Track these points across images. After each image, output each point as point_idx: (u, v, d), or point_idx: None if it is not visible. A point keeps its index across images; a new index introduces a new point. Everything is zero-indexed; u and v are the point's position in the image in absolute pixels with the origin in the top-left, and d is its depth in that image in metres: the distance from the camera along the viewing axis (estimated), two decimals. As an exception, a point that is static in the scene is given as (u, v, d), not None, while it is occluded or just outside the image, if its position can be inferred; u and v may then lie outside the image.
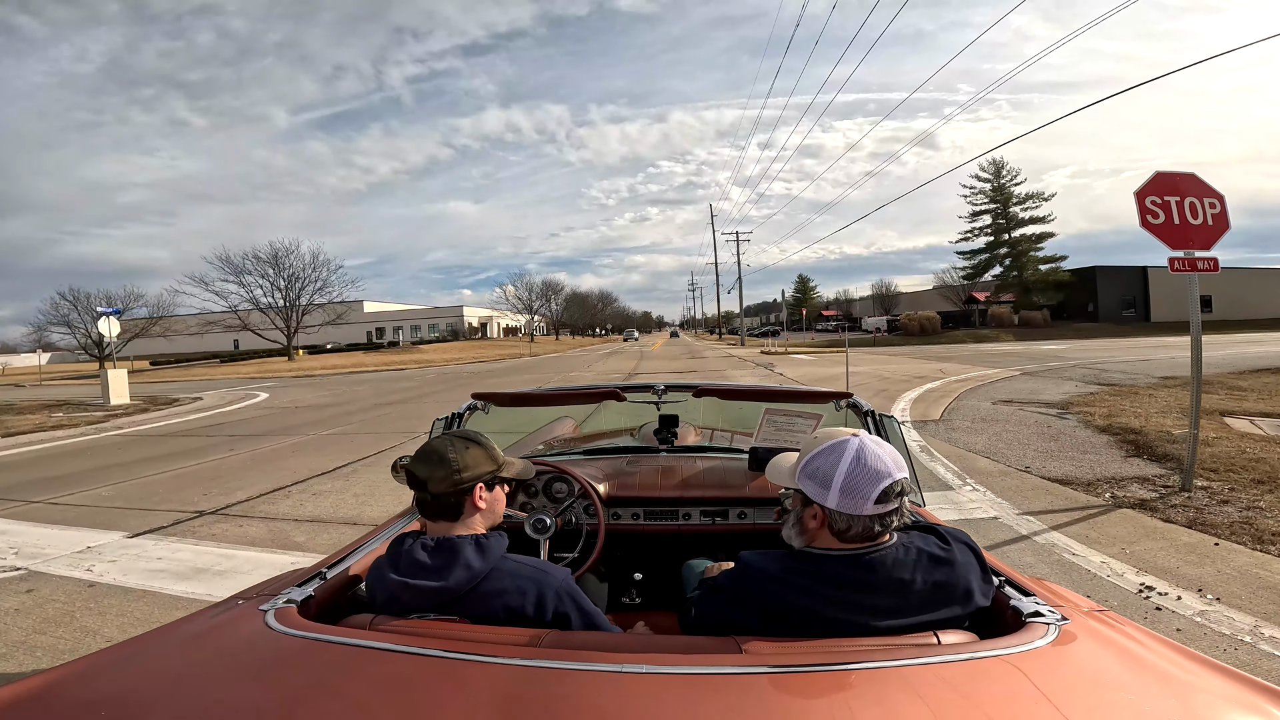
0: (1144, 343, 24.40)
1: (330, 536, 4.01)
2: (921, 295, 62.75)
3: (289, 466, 6.37)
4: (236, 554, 3.79)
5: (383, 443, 7.59)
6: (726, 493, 2.02)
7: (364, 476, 5.77)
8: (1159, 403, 8.08)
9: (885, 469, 0.96)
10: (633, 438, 2.80)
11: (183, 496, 5.26)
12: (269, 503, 4.95)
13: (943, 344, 31.45)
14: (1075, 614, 0.98)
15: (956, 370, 14.49)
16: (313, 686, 0.84)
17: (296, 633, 0.95)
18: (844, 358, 18.95)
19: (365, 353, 43.69)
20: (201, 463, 6.85)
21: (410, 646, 0.88)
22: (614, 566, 2.04)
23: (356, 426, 9.38)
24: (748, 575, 1.01)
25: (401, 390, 15.66)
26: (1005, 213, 41.99)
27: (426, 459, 1.15)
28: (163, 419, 11.53)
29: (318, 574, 1.24)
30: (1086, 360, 15.91)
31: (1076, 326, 37.62)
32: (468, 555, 1.08)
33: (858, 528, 0.97)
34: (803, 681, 0.80)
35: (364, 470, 6.06)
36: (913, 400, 9.74)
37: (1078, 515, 3.97)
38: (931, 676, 0.79)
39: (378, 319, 67.05)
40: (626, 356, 30.04)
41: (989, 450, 5.97)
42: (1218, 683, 0.81)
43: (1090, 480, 4.75)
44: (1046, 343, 27.41)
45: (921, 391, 10.72)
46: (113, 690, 0.84)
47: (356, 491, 5.21)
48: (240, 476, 6.00)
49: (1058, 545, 3.47)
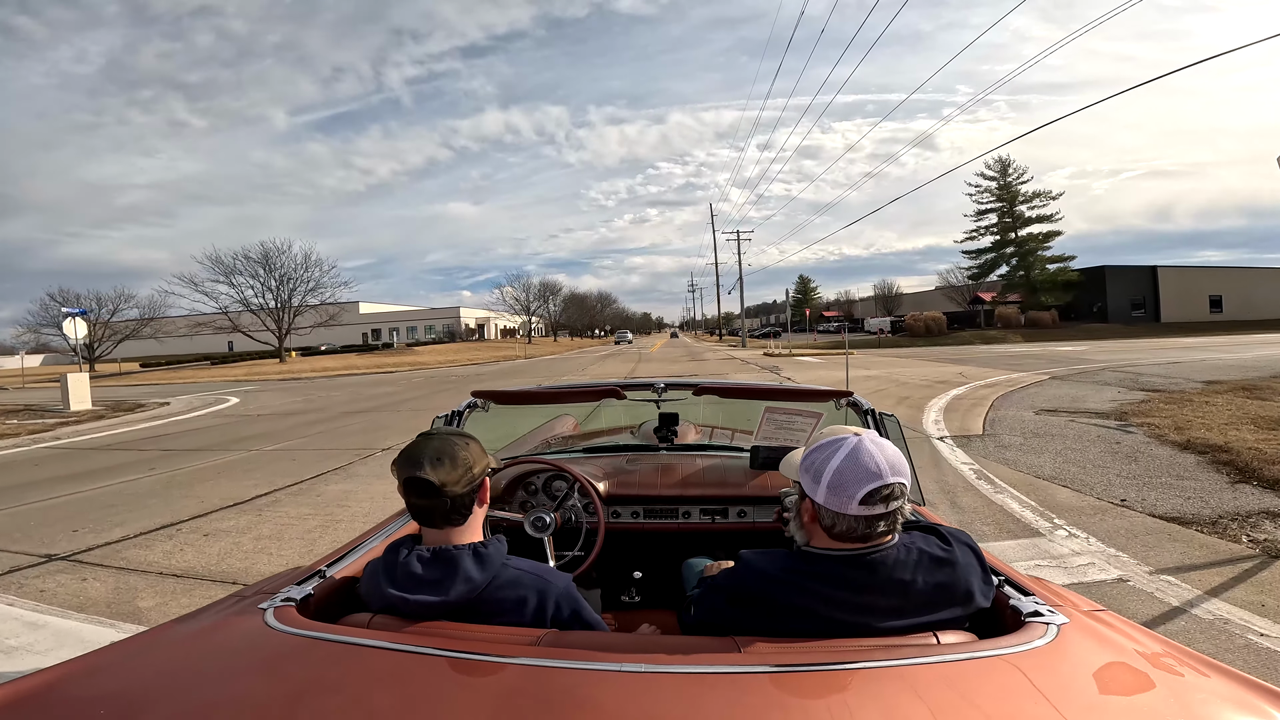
0: (1163, 343, 23.42)
1: (190, 601, 2.92)
2: (924, 296, 61.75)
3: (199, 494, 5.31)
4: (47, 623, 2.81)
5: (325, 463, 6.52)
6: (726, 491, 2.02)
7: (281, 512, 4.71)
8: (1222, 412, 7.02)
9: (877, 470, 0.94)
10: (633, 436, 2.74)
11: (47, 533, 4.24)
12: (141, 546, 3.91)
13: (951, 345, 30.48)
14: (1074, 614, 0.97)
15: (977, 374, 13.46)
16: (311, 684, 0.84)
17: (295, 631, 0.94)
18: (855, 361, 18.09)
19: (359, 354, 42.57)
20: (106, 486, 5.78)
21: (409, 645, 0.88)
22: (613, 565, 2.01)
23: (308, 441, 8.32)
24: (747, 574, 1.01)
25: (379, 396, 14.59)
26: (1011, 211, 40.88)
27: (441, 463, 1.08)
28: (110, 428, 10.49)
29: (317, 572, 1.23)
30: (1114, 363, 14.91)
31: (1086, 327, 36.65)
32: (467, 568, 1.05)
33: (842, 526, 0.96)
34: (801, 681, 0.80)
35: (286, 501, 5.00)
36: (943, 410, 8.67)
37: (1228, 572, 2.97)
38: (930, 676, 0.79)
39: (374, 320, 65.51)
40: (623, 360, 28.96)
41: (1062, 475, 4.92)
42: (1216, 683, 0.81)
43: (1212, 517, 3.74)
44: (1060, 344, 26.41)
45: (949, 399, 9.67)
46: (110, 689, 0.84)
47: (261, 534, 4.15)
48: (135, 506, 4.94)
49: (1232, 622, 2.47)
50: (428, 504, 1.09)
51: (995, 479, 4.88)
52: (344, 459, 6.67)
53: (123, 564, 3.56)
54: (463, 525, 1.12)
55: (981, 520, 3.88)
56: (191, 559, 3.63)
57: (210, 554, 3.71)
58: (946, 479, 4.92)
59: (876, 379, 13.20)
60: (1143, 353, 18.10)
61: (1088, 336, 32.75)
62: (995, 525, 3.74)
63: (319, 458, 6.80)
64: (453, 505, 1.09)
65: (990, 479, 4.88)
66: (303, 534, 4.03)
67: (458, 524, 1.11)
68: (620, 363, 25.80)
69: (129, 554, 3.73)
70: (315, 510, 4.63)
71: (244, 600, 1.10)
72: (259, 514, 4.58)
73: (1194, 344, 19.83)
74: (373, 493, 5.06)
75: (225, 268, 38.43)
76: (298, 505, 4.78)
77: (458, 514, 1.11)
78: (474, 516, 1.14)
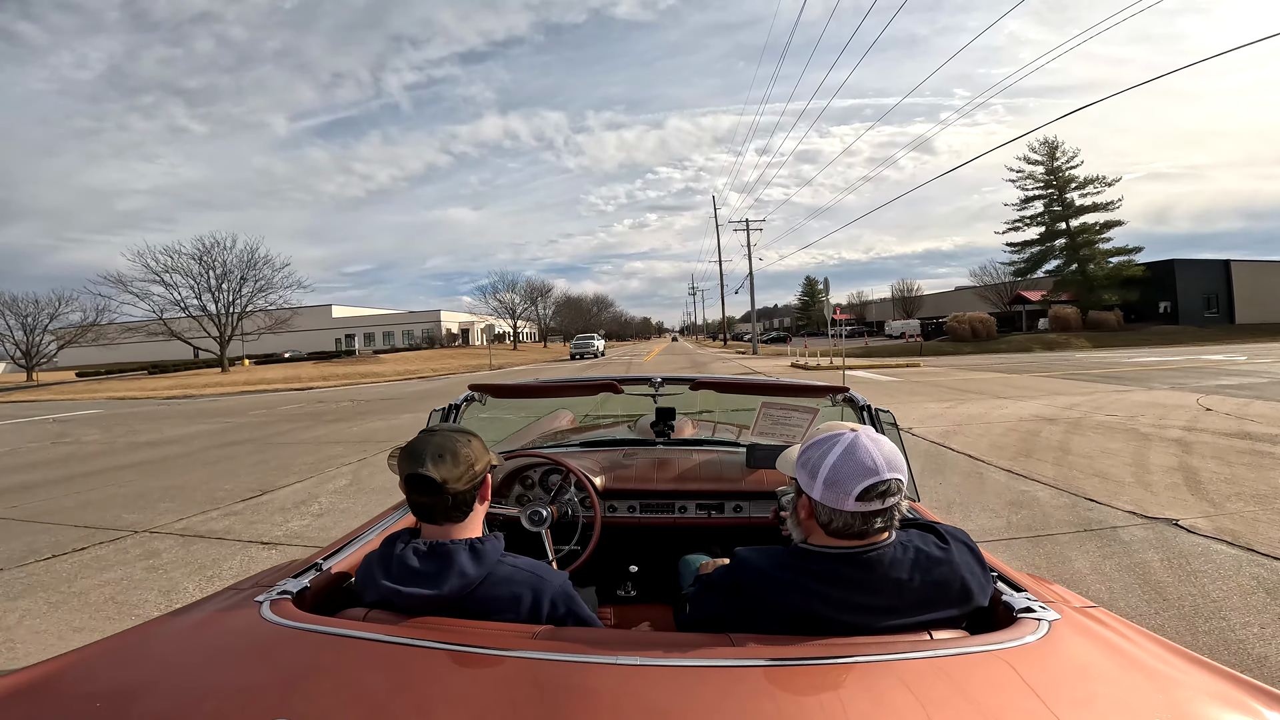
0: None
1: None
2: (949, 296, 56.61)
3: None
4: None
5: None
6: (723, 486, 2.02)
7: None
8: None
9: (874, 466, 0.94)
10: (630, 430, 2.76)
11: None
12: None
13: (1005, 352, 25.21)
14: (1066, 610, 0.98)
15: (1156, 399, 8.23)
16: (306, 675, 0.84)
17: (291, 623, 0.94)
18: (946, 380, 12.77)
19: (316, 363, 37.07)
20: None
21: (404, 638, 0.88)
22: (609, 559, 2.01)
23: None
24: (743, 572, 1.01)
25: (259, 431, 9.32)
26: (1061, 199, 35.49)
27: (443, 459, 1.09)
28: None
29: (313, 565, 1.23)
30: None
31: (1157, 330, 31.48)
32: (462, 562, 1.05)
33: (839, 522, 0.95)
34: (795, 675, 0.81)
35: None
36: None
37: None
38: (922, 670, 0.80)
39: (348, 324, 60.16)
40: (610, 370, 23.65)
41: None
42: (1205, 679, 0.81)
43: None
44: (1150, 350, 21.26)
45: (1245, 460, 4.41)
46: (106, 681, 0.84)
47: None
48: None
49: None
50: (429, 501, 1.09)
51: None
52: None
53: None
54: (463, 521, 1.12)
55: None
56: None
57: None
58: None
59: (1034, 414, 8.03)
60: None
61: (1165, 340, 27.67)
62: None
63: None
64: (454, 502, 1.09)
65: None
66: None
67: (458, 520, 1.11)
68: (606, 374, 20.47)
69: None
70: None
71: (240, 593, 1.10)
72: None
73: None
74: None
75: (161, 265, 33.29)
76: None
77: (459, 511, 1.11)
78: (474, 513, 1.14)
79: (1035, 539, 3.49)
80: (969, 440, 6.42)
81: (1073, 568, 3.05)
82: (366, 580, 1.07)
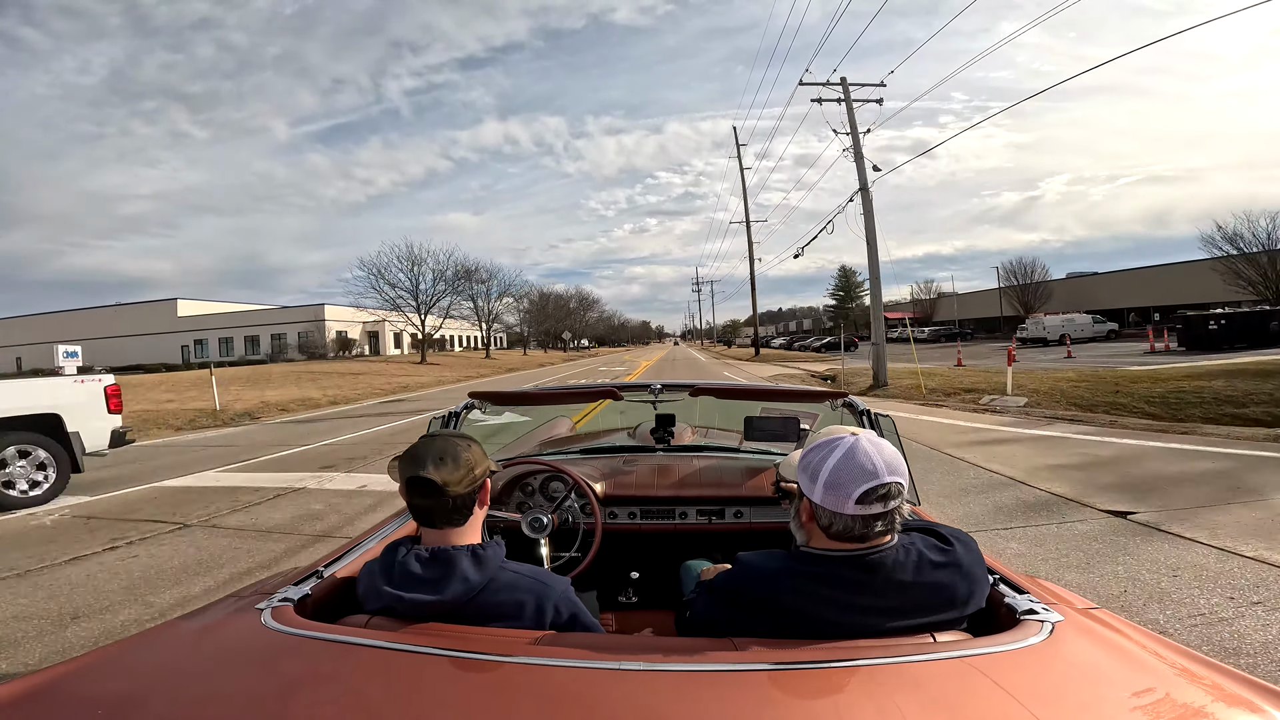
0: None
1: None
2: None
3: None
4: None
5: None
6: (723, 492, 2.02)
7: None
8: None
9: (874, 469, 0.93)
10: (630, 437, 2.75)
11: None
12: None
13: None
14: (1069, 612, 0.98)
15: None
16: (308, 683, 0.84)
17: (292, 631, 0.94)
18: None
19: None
20: None
21: (406, 644, 0.88)
22: (610, 566, 2.00)
23: None
24: (745, 577, 1.00)
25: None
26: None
27: (444, 463, 1.08)
28: None
29: (314, 573, 1.23)
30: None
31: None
32: (464, 568, 1.04)
33: (839, 525, 0.95)
34: (798, 678, 0.80)
35: None
36: None
37: None
38: (925, 673, 0.80)
39: (196, 326, 45.33)
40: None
41: None
42: (1211, 681, 0.80)
43: None
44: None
45: None
46: (107, 687, 0.84)
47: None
48: None
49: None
50: (429, 504, 1.08)
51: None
52: None
53: None
54: (463, 526, 1.12)
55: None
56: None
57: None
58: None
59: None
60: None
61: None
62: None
63: None
64: (454, 505, 1.09)
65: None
66: None
67: (458, 524, 1.11)
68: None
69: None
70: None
71: (242, 600, 1.10)
72: None
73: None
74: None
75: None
76: None
77: (458, 514, 1.11)
78: (474, 518, 1.14)
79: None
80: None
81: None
82: (368, 587, 1.07)
